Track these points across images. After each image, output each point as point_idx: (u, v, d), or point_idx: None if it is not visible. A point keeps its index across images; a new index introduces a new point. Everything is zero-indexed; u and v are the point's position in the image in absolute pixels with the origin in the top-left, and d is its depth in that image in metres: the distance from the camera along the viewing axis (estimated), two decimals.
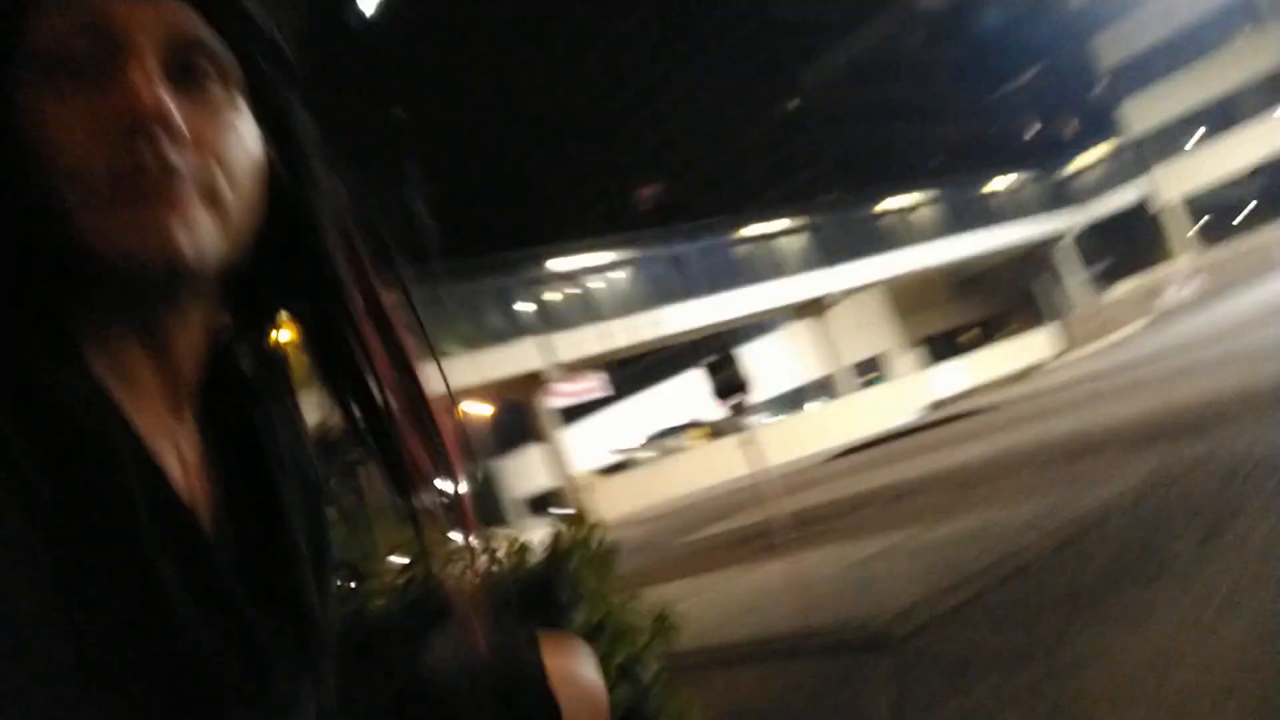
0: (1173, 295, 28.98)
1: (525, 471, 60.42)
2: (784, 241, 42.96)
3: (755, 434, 9.34)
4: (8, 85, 0.58)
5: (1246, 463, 4.97)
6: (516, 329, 33.47)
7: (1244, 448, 5.37)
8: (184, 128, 0.58)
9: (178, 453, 0.64)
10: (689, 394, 53.10)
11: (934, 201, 49.47)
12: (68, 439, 0.52)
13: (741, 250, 41.51)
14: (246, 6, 0.65)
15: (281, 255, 0.68)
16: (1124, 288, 45.61)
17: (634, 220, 45.40)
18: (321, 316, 0.72)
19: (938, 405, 25.62)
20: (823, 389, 48.42)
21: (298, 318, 0.73)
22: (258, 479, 0.69)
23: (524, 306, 34.75)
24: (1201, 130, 47.87)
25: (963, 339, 51.17)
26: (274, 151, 0.67)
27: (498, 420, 52.68)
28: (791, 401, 48.86)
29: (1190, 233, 48.60)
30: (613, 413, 52.86)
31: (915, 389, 29.55)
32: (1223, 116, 46.85)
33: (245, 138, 0.63)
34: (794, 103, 62.47)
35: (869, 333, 49.12)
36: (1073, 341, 27.41)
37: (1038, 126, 65.88)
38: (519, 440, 58.09)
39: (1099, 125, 54.45)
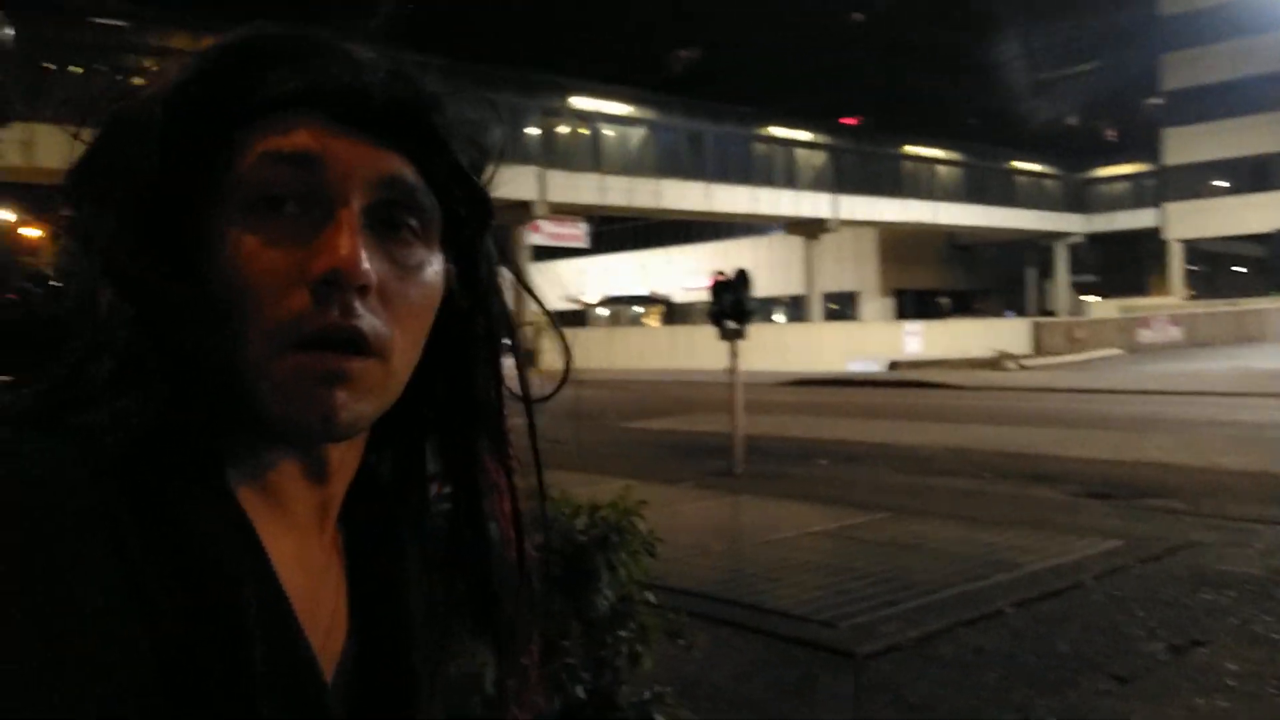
0: (1150, 333, 29.22)
1: None
2: (803, 153, 42.23)
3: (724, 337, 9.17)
4: (211, 210, 0.57)
5: (1214, 569, 5.02)
6: (518, 154, 32.57)
7: (1214, 551, 5.42)
8: (375, 283, 0.57)
9: (317, 577, 0.63)
10: (657, 267, 53.16)
11: (956, 163, 48.96)
12: (198, 574, 0.53)
13: (760, 148, 40.69)
14: (457, 157, 0.63)
15: (434, 371, 0.67)
16: (1105, 307, 46.02)
17: (661, 81, 43.87)
18: (453, 436, 0.71)
19: (897, 364, 25.81)
20: (786, 305, 48.68)
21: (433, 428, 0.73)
22: (392, 595, 0.68)
23: (531, 131, 33.74)
24: (1227, 183, 47.70)
25: (936, 302, 51.49)
26: (457, 285, 0.67)
27: None
28: (758, 308, 48.82)
29: (1181, 276, 49.01)
30: (580, 263, 52.47)
31: (882, 337, 29.68)
32: (1252, 176, 46.66)
33: (431, 289, 0.62)
34: (859, 16, 60.37)
35: (852, 268, 49.21)
36: (1041, 345, 27.64)
37: (1076, 120, 64.67)
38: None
39: (1135, 142, 53.78)
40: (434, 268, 0.63)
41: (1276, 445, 10.06)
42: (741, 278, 9.00)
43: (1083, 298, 52.70)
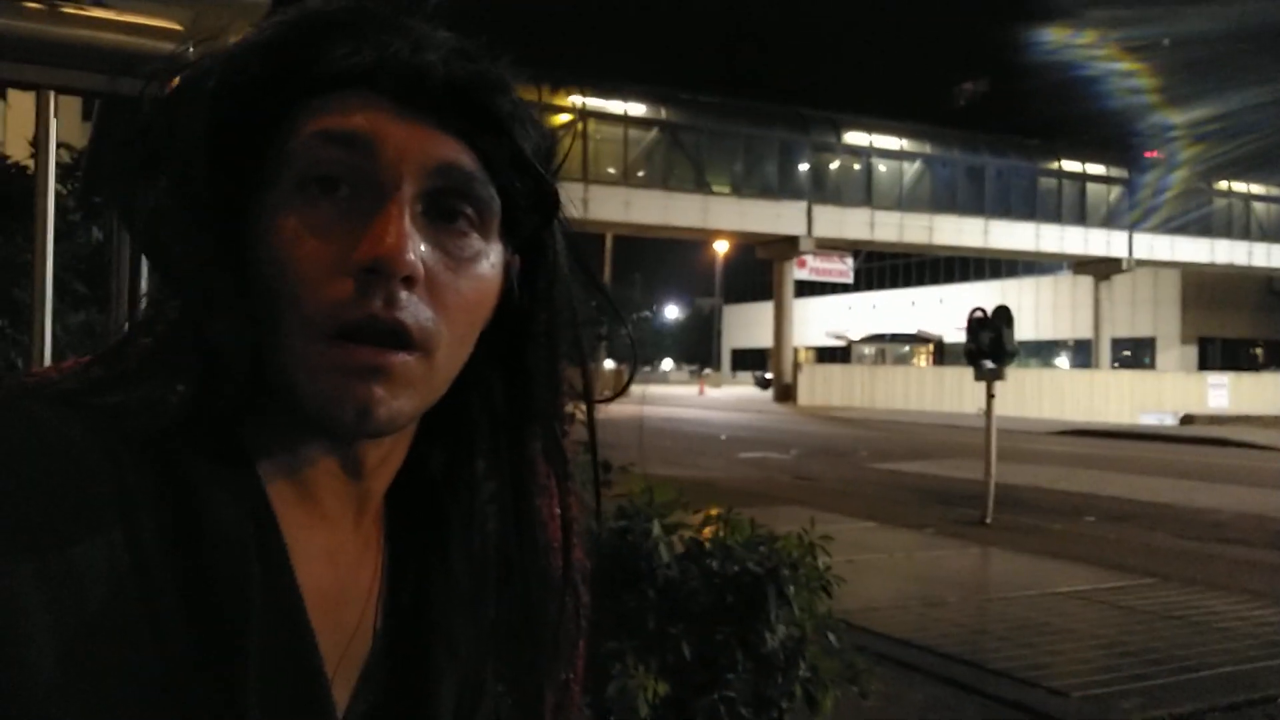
0: None
1: (744, 326, 60.77)
2: (1095, 188, 39.33)
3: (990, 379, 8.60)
4: (260, 189, 0.55)
5: None
6: (788, 189, 32.61)
7: None
8: (422, 274, 0.55)
9: (347, 574, 0.61)
10: (927, 305, 51.27)
11: (1277, 199, 43.77)
12: (205, 569, 0.50)
13: (1046, 181, 38.34)
14: (519, 143, 0.59)
15: (490, 367, 0.65)
16: None
17: (941, 114, 42.51)
18: (506, 435, 0.68)
19: (1191, 419, 23.35)
20: (1070, 350, 45.40)
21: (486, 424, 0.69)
22: (426, 595, 0.66)
23: (801, 167, 33.67)
24: None
25: (1250, 352, 46.17)
26: (519, 279, 0.64)
27: (733, 265, 52.70)
28: (1038, 351, 45.94)
29: None
30: (846, 299, 51.59)
31: (1179, 388, 26.94)
32: None
33: (485, 282, 0.60)
34: (1165, 41, 55.81)
35: (1149, 312, 45.17)
36: None
37: None
38: (746, 294, 58.05)
39: None
40: (490, 260, 0.60)
41: None
42: (1002, 314, 8.48)
43: None
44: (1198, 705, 3.82)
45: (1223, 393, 26.03)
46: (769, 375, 35.62)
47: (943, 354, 47.74)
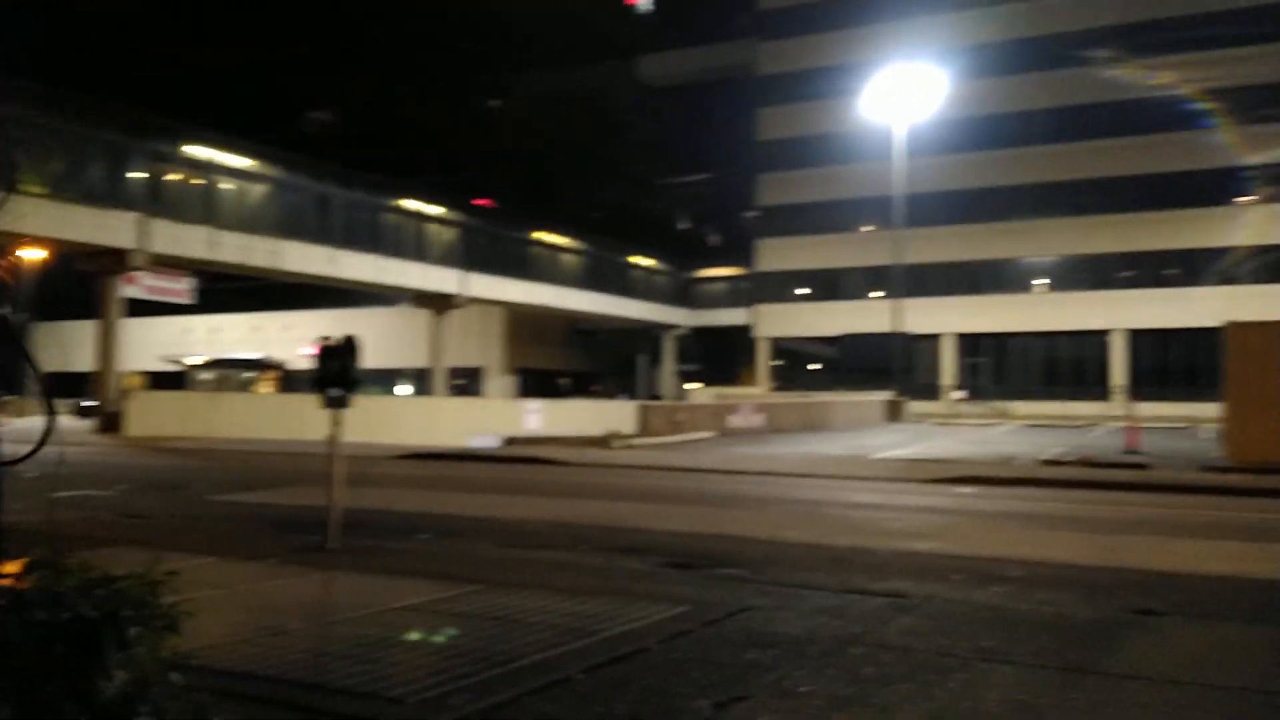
0: (738, 419, 32.34)
1: (61, 347, 53.57)
2: (434, 228, 42.41)
3: (338, 409, 8.81)
4: None
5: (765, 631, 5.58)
6: (118, 198, 29.64)
7: (766, 614, 6.03)
8: None
9: None
10: (272, 332, 50.42)
11: (579, 252, 51.65)
12: None
13: (390, 218, 40.32)
14: None
15: None
16: (703, 394, 50.35)
17: (289, 139, 42.44)
18: None
19: (514, 440, 26.30)
20: (411, 378, 48.14)
21: None
22: None
23: (136, 175, 30.91)
24: (807, 290, 54.82)
25: (557, 382, 53.50)
26: None
27: (48, 277, 46.32)
28: (381, 379, 47.87)
29: (767, 369, 55.08)
30: (185, 321, 48.45)
31: (504, 414, 30.16)
32: (826, 286, 54.08)
33: None
34: (496, 102, 62.66)
35: (478, 345, 49.78)
36: (647, 426, 29.52)
37: (686, 224, 71.58)
38: (64, 311, 51.38)
39: (735, 248, 60.31)
40: None
41: (829, 520, 11.44)
42: (349, 344, 8.76)
43: (686, 384, 57.42)
44: (513, 692, 4.38)
45: (538, 417, 29.64)
46: (92, 403, 31.86)
47: (289, 381, 47.28)
